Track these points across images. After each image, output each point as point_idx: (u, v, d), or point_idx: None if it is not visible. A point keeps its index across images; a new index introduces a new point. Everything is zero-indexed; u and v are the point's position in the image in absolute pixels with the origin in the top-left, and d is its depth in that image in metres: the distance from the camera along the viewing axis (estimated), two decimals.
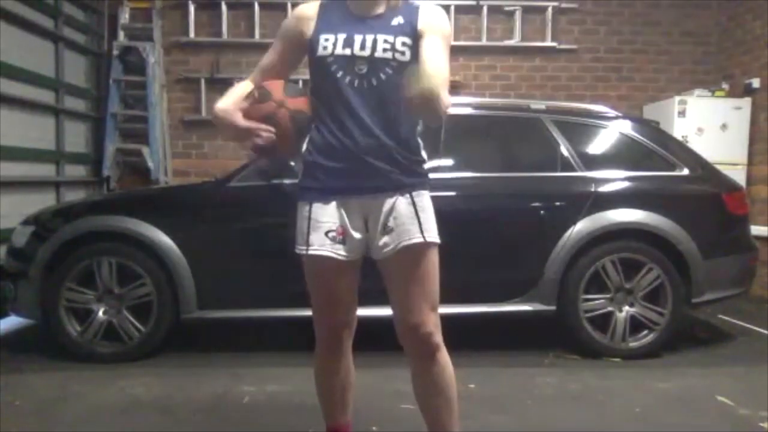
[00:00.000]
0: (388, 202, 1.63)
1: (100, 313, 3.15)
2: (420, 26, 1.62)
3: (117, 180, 5.40)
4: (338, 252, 1.65)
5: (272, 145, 1.60)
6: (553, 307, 3.27)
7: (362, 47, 1.59)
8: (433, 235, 1.66)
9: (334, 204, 1.65)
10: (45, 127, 4.65)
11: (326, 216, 1.65)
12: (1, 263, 3.45)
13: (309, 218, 1.66)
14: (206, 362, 3.19)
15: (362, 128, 1.60)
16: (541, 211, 3.29)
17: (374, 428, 2.36)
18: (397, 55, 1.59)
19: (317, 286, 1.73)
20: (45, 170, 4.70)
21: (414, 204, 1.64)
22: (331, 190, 1.65)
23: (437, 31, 1.62)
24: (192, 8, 5.48)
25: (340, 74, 1.60)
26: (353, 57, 1.59)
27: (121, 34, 5.43)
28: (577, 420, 2.49)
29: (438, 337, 1.66)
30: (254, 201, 3.25)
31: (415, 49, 1.60)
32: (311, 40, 1.65)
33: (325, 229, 1.64)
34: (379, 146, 1.61)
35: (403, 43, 1.60)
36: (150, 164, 5.28)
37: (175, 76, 5.55)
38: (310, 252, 1.65)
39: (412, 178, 1.66)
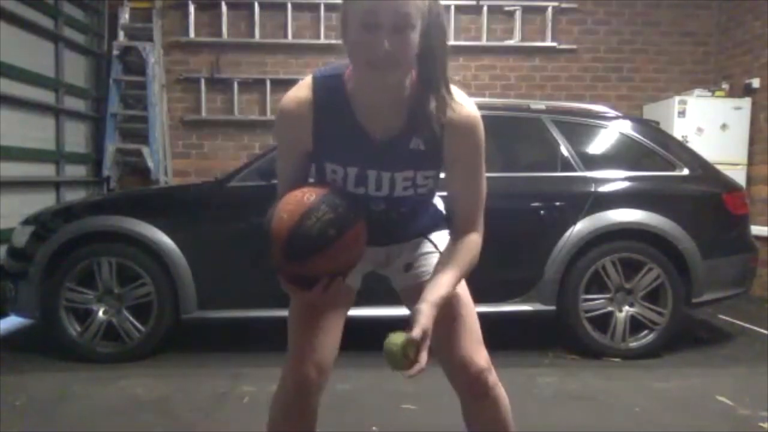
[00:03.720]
0: (408, 245, 1.55)
1: (100, 313, 3.16)
2: (447, 155, 1.40)
3: (117, 180, 5.41)
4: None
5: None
6: (553, 307, 3.27)
7: (378, 187, 1.39)
8: None
9: None
10: (45, 127, 4.65)
11: None
12: (1, 263, 3.45)
13: None
14: (206, 362, 3.19)
15: (384, 237, 1.49)
16: (541, 211, 3.29)
17: (374, 428, 2.36)
18: (420, 190, 1.44)
19: (306, 312, 1.45)
20: (45, 170, 4.70)
21: (434, 243, 1.56)
22: None
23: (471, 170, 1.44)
24: (192, 8, 5.48)
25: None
26: (368, 196, 1.40)
27: (121, 34, 5.43)
28: (577, 420, 2.49)
29: (492, 375, 1.46)
30: (254, 201, 3.21)
31: (438, 175, 1.46)
32: (314, 156, 1.40)
33: None
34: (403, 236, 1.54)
35: (426, 177, 1.43)
36: (150, 164, 5.28)
37: (175, 76, 5.55)
38: None
39: (433, 222, 1.58)
